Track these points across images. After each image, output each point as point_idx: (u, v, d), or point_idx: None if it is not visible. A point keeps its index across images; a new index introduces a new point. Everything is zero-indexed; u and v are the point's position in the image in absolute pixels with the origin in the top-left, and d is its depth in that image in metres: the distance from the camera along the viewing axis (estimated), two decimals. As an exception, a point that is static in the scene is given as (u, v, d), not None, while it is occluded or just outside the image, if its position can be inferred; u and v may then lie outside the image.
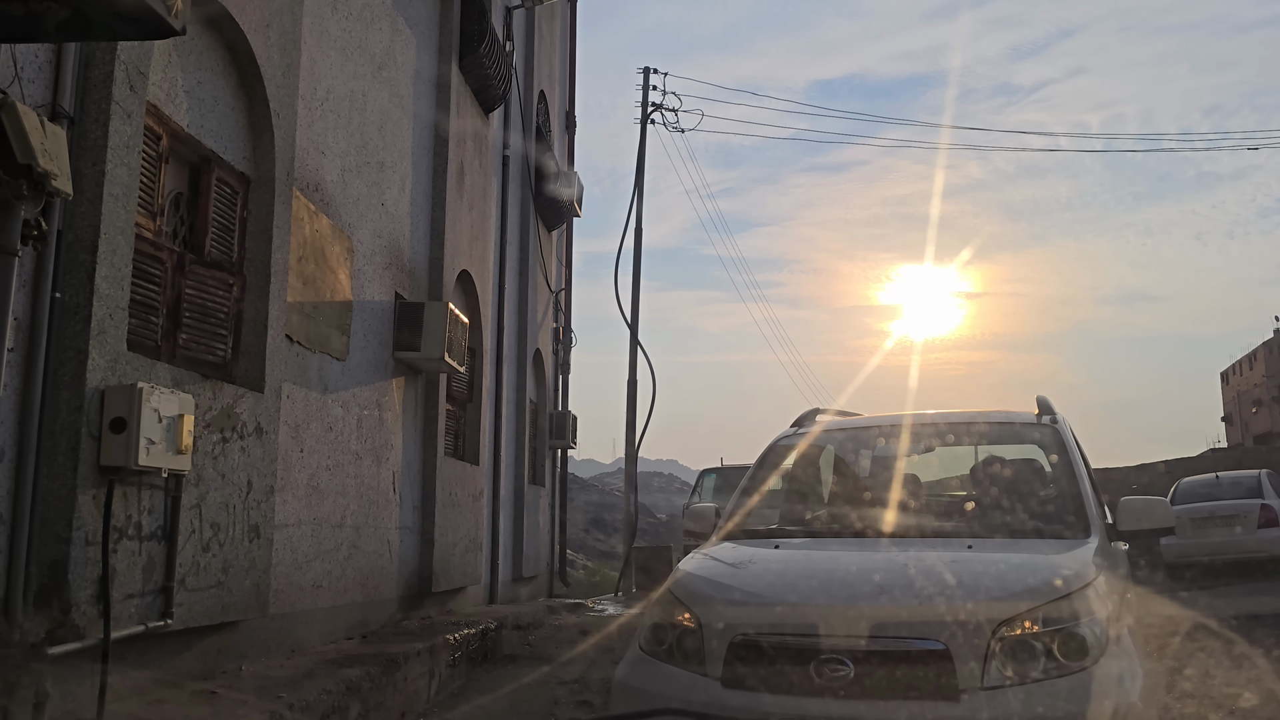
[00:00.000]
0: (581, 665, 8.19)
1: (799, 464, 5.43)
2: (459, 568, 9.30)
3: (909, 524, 4.71)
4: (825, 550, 4.51)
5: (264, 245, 5.49)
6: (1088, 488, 4.56)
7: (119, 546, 4.07)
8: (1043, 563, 3.80)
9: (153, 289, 4.59)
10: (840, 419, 5.90)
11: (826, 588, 3.79)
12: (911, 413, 5.71)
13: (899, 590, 3.61)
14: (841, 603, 3.58)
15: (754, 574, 4.15)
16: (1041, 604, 3.45)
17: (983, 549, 4.06)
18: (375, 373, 7.49)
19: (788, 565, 4.24)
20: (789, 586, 3.90)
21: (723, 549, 4.65)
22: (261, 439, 5.33)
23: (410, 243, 8.35)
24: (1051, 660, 3.35)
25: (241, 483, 5.11)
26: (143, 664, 4.42)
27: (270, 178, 5.56)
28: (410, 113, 8.36)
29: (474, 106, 10.10)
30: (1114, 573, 4.09)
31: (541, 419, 14.31)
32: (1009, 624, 3.38)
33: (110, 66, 4.04)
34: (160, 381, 4.32)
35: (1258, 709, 5.61)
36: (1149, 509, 4.51)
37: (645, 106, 19.45)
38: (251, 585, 5.20)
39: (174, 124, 4.74)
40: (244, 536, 5.13)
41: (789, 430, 5.58)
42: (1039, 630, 3.40)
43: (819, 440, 5.57)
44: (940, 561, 3.83)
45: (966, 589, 3.52)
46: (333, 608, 6.62)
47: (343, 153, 6.87)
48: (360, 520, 7.09)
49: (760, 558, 4.36)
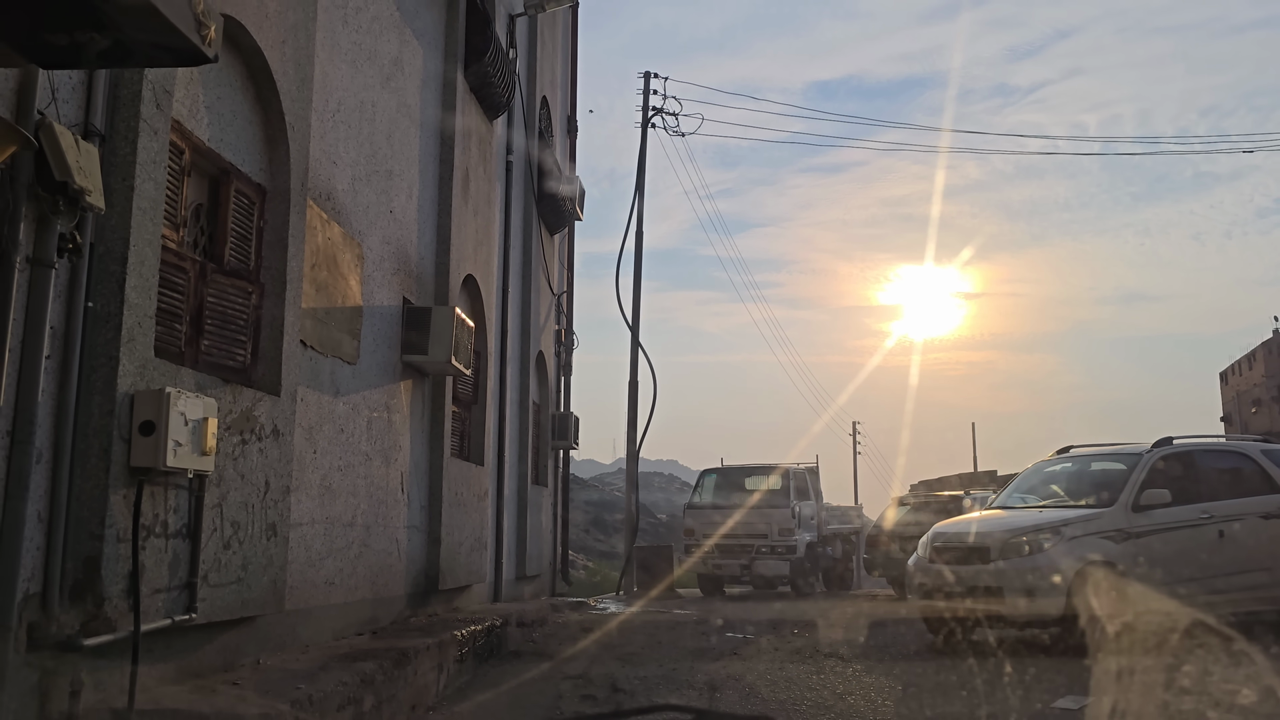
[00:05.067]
0: (584, 661, 8.39)
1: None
2: (464, 566, 9.50)
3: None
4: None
5: (280, 254, 5.69)
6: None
7: (147, 544, 4.26)
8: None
9: (177, 297, 4.79)
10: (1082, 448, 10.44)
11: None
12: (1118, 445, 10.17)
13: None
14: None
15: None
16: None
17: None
18: (384, 376, 7.69)
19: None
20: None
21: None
22: (278, 441, 5.53)
23: (417, 248, 8.55)
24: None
25: (260, 483, 5.31)
26: (168, 656, 4.62)
27: (285, 188, 5.76)
28: (417, 121, 8.56)
29: (479, 113, 10.30)
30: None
31: (544, 420, 14.52)
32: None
33: (138, 86, 4.24)
34: (185, 386, 4.52)
35: (1256, 705, 5.70)
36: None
37: (646, 111, 19.65)
38: (269, 582, 5.40)
39: (196, 138, 4.94)
40: (262, 535, 5.33)
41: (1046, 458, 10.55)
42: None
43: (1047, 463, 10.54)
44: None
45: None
46: (344, 604, 6.82)
47: (353, 162, 7.07)
48: (370, 519, 7.29)
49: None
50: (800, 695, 6.64)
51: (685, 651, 8.99)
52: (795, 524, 17.32)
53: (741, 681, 7.24)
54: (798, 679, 7.26)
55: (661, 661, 8.22)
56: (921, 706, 6.47)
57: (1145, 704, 5.94)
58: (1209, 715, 5.56)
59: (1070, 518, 8.76)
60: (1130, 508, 8.81)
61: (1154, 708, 5.82)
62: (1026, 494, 10.03)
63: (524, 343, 12.94)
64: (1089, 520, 8.70)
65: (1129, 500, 8.84)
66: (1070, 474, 9.95)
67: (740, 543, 17.35)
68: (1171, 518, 8.84)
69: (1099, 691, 6.46)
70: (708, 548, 17.52)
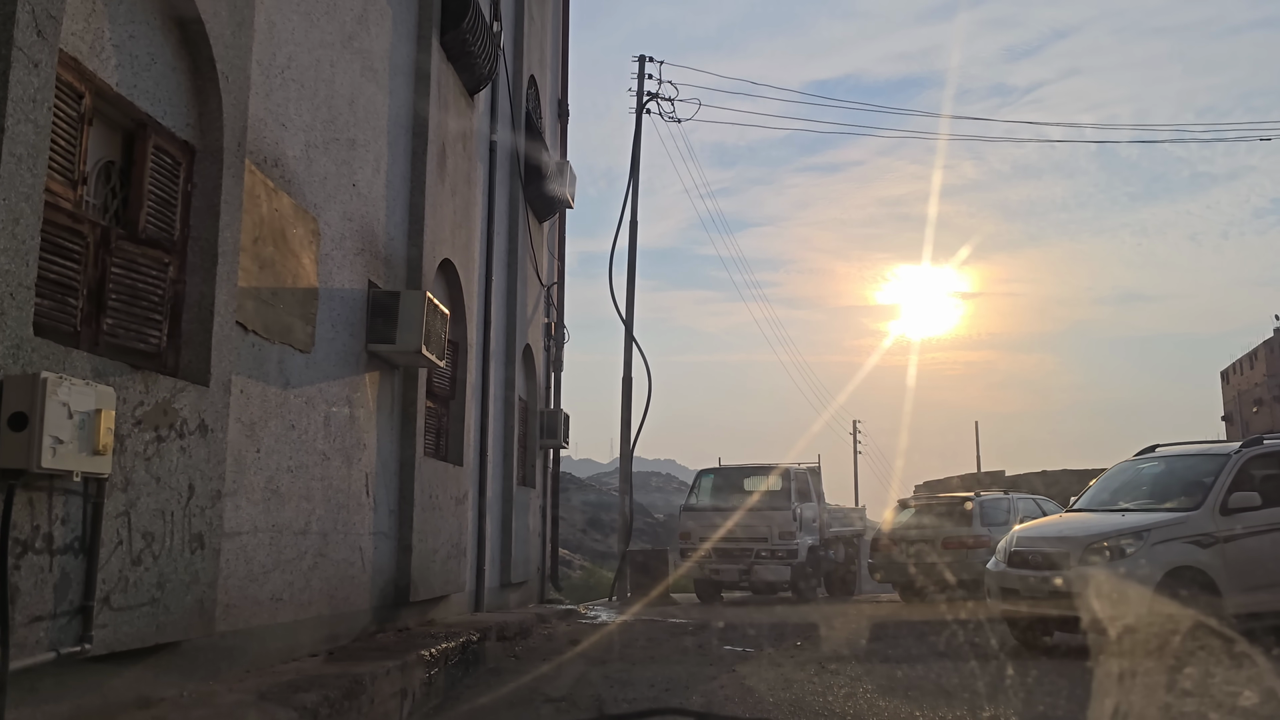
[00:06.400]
0: (570, 679, 7.66)
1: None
2: (440, 575, 8.75)
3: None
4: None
5: (210, 222, 4.94)
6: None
7: (23, 562, 3.51)
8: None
9: (70, 267, 4.03)
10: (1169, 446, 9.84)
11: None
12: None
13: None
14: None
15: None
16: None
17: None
18: (346, 366, 6.94)
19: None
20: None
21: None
22: (206, 438, 4.77)
23: (386, 228, 7.80)
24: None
25: (181, 487, 4.56)
26: (60, 695, 3.86)
27: (218, 147, 5.01)
28: (386, 89, 7.81)
29: (457, 86, 9.54)
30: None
31: (532, 417, 13.76)
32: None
33: (11, 7, 3.48)
34: (76, 371, 3.77)
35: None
36: None
37: (641, 96, 18.91)
38: (193, 601, 4.65)
39: (99, 81, 4.19)
40: (184, 547, 4.58)
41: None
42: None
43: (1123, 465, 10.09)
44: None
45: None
46: (295, 622, 6.07)
47: (307, 126, 6.31)
48: (328, 526, 6.54)
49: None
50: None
51: (680, 667, 8.27)
52: (797, 527, 16.53)
53: (744, 704, 6.53)
54: (806, 702, 6.52)
55: (654, 681, 7.49)
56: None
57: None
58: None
59: (1153, 522, 8.30)
60: (1218, 511, 8.34)
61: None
62: (1109, 496, 9.55)
63: (510, 335, 12.19)
64: (1173, 525, 8.21)
65: (1216, 503, 8.38)
66: (1154, 475, 9.48)
67: (739, 546, 16.55)
68: (1262, 521, 8.33)
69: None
70: (705, 551, 16.72)
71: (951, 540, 14.84)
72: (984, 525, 14.83)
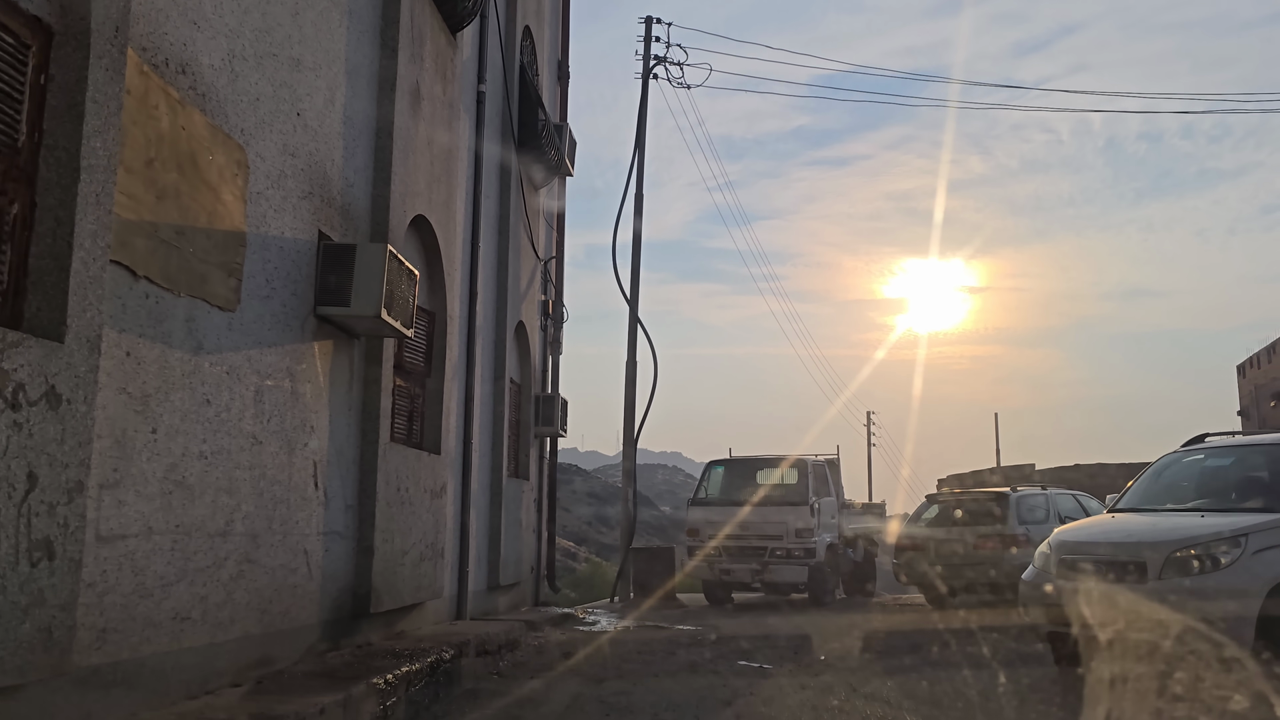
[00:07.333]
0: (560, 703, 6.48)
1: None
2: (411, 580, 7.54)
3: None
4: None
5: (71, 126, 3.72)
6: None
7: None
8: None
9: None
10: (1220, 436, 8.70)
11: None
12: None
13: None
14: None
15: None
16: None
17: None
18: (286, 332, 5.73)
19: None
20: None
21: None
22: (58, 411, 3.57)
23: (343, 171, 6.58)
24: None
25: (17, 476, 3.36)
26: None
27: (84, 31, 3.79)
28: (344, 7, 6.59)
29: (435, 18, 8.31)
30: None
31: (525, 402, 12.53)
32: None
33: None
34: None
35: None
36: None
37: (647, 60, 17.63)
38: (34, 630, 3.45)
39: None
40: (21, 557, 3.38)
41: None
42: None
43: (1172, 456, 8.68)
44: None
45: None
46: (210, 645, 4.87)
47: (231, 31, 5.09)
48: (258, 526, 5.34)
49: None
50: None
51: (687, 687, 7.08)
52: (815, 523, 15.23)
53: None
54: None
55: (658, 706, 6.32)
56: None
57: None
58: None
59: (1250, 525, 6.84)
60: None
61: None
62: (1162, 492, 8.15)
63: (500, 309, 10.96)
64: (1275, 529, 6.76)
65: None
66: (1219, 469, 8.00)
67: (751, 544, 15.26)
68: None
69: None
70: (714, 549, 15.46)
71: (984, 539, 13.58)
72: (1020, 524, 13.57)
